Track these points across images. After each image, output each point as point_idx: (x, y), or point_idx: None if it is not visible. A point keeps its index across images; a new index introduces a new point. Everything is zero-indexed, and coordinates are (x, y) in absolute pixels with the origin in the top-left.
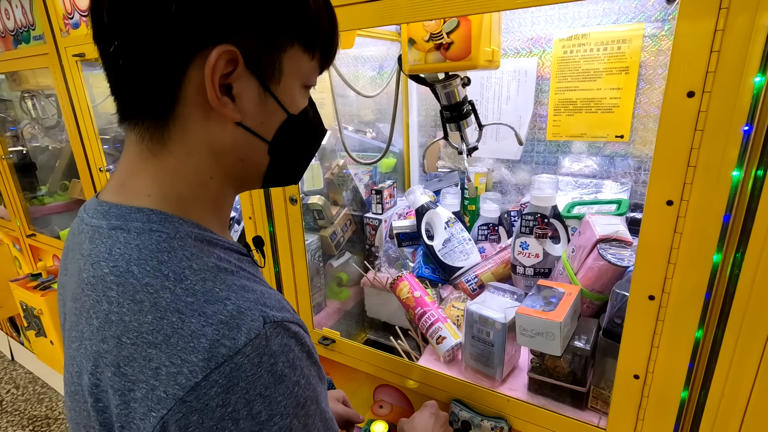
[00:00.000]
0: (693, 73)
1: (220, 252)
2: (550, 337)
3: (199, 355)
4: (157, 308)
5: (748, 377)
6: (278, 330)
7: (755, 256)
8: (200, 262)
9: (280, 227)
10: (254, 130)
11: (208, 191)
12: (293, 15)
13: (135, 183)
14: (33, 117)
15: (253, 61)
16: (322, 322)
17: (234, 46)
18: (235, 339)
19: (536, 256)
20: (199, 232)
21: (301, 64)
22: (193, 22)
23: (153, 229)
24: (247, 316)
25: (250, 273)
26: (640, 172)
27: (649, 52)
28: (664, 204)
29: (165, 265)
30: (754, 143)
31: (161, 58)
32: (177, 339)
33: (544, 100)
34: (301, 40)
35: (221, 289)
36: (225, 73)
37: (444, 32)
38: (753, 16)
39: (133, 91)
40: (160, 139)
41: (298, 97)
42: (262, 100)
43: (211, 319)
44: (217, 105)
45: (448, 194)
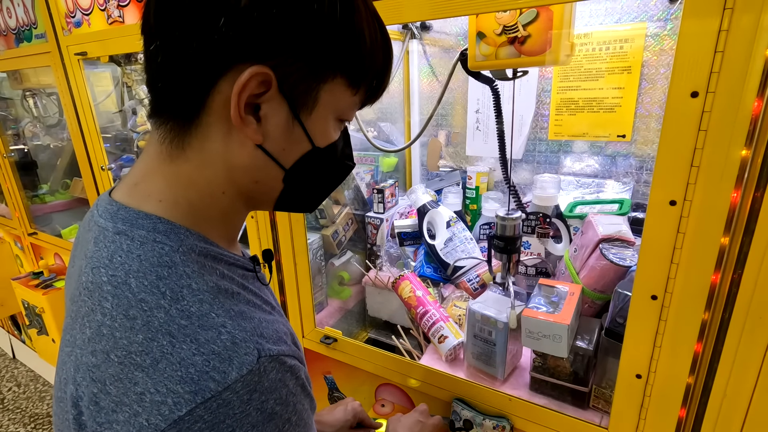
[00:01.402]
0: (697, 73)
1: (224, 268)
2: (557, 340)
3: (186, 387)
4: (148, 328)
5: (751, 377)
6: (273, 365)
7: (758, 256)
8: (200, 281)
9: (282, 226)
10: (273, 155)
11: (219, 205)
12: (343, 49)
13: (148, 185)
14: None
15: (288, 87)
16: (324, 321)
17: (271, 68)
18: (225, 373)
19: (538, 255)
20: (204, 246)
21: (341, 98)
22: (236, 37)
23: (157, 240)
24: (241, 348)
25: (252, 292)
26: (642, 171)
27: (652, 51)
28: (667, 204)
29: (163, 282)
30: (758, 144)
31: (196, 65)
32: (165, 365)
33: (546, 100)
34: (347, 75)
35: (218, 315)
36: (256, 93)
37: (520, 25)
38: (758, 16)
39: (164, 88)
40: (180, 143)
41: (329, 129)
42: (288, 127)
43: (203, 348)
44: (238, 123)
45: (450, 193)
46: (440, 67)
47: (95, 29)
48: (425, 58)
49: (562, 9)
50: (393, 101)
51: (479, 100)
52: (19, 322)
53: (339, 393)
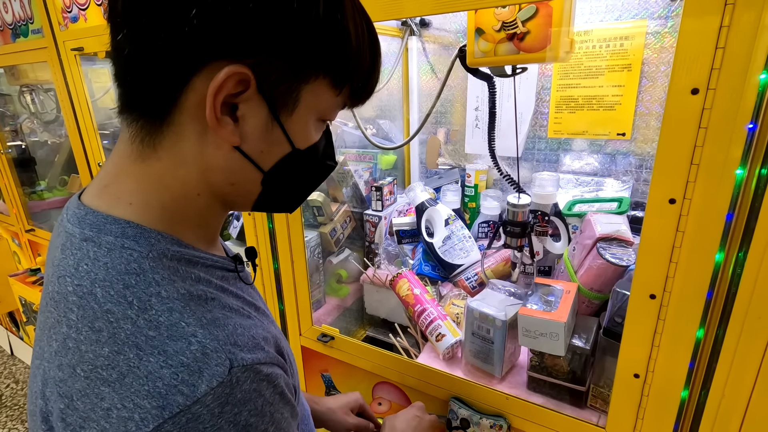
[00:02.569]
0: (697, 70)
1: (200, 271)
2: (554, 338)
3: (153, 402)
4: (115, 340)
5: (749, 377)
6: (247, 374)
7: (758, 255)
8: (170, 289)
9: (280, 224)
10: (252, 157)
11: (195, 207)
12: (327, 48)
13: (118, 186)
14: (32, 111)
15: (268, 87)
16: (322, 319)
17: (249, 67)
18: (194, 386)
19: (537, 254)
20: (178, 250)
21: (324, 98)
22: (211, 31)
23: (125, 246)
24: (212, 359)
25: (232, 294)
26: (641, 170)
27: (652, 49)
28: (666, 202)
29: (130, 290)
30: (759, 141)
31: (167, 59)
32: (132, 379)
33: (546, 98)
34: (331, 75)
35: (188, 323)
36: (233, 93)
37: (519, 21)
38: (759, 13)
39: (133, 83)
40: (151, 142)
41: (310, 131)
42: (267, 129)
43: (171, 360)
44: (214, 124)
45: (449, 191)
46: (439, 65)
47: (92, 24)
48: (424, 55)
49: (562, 5)
50: (392, 98)
51: (478, 98)
52: (16, 319)
53: (336, 391)
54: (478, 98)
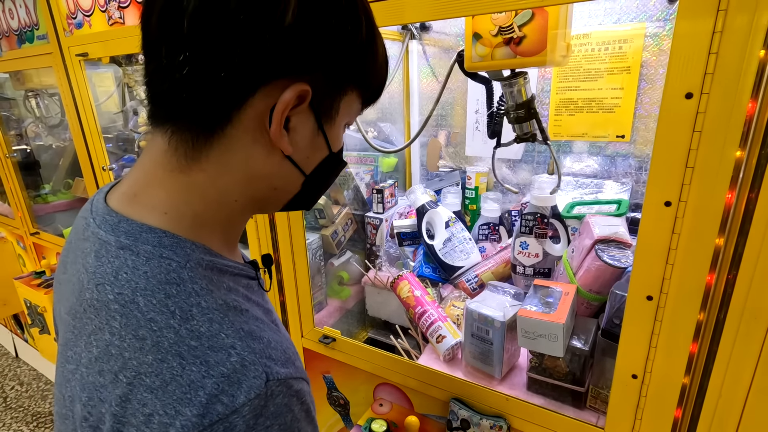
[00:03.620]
0: (691, 74)
1: (229, 281)
2: (552, 339)
3: (194, 410)
4: (158, 349)
5: (746, 377)
6: (280, 389)
7: (753, 257)
8: (209, 299)
9: (282, 226)
10: (298, 163)
11: (227, 212)
12: (362, 65)
13: (150, 195)
14: (37, 116)
15: (317, 101)
16: (323, 321)
17: (308, 84)
18: (234, 396)
19: (536, 255)
20: (210, 260)
21: (353, 107)
22: (277, 53)
23: (163, 256)
24: (250, 371)
25: (256, 303)
26: (641, 172)
27: (651, 51)
28: (662, 205)
29: (172, 300)
30: (753, 144)
31: (229, 81)
32: (174, 387)
33: (546, 100)
34: (361, 87)
35: (227, 335)
36: (290, 107)
37: (515, 25)
38: (751, 18)
39: (188, 99)
40: (196, 154)
41: (341, 135)
42: (313, 137)
43: (212, 370)
44: (277, 137)
45: (449, 194)
46: (440, 68)
47: (96, 30)
48: (425, 58)
49: (558, 10)
50: (393, 101)
51: (479, 101)
52: (21, 321)
53: (338, 392)
54: (479, 101)
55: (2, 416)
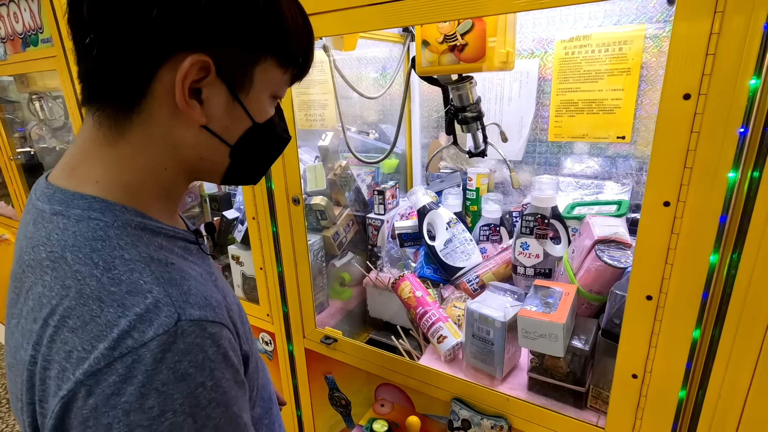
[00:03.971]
0: (689, 75)
1: (163, 240)
2: (553, 339)
3: (107, 343)
4: (81, 295)
5: (745, 377)
6: (192, 329)
7: (752, 256)
8: (133, 252)
9: (283, 227)
10: (218, 133)
11: (160, 181)
12: (270, 32)
13: (85, 168)
14: (41, 118)
15: (226, 71)
16: (325, 322)
17: (208, 56)
18: (143, 332)
19: (537, 256)
20: (141, 221)
21: (273, 76)
22: (172, 28)
23: (92, 217)
24: (162, 311)
25: (194, 263)
26: (641, 172)
27: (651, 53)
28: (661, 205)
29: (97, 254)
30: (750, 145)
31: (135, 56)
32: (93, 327)
33: (546, 101)
34: (277, 55)
35: (147, 281)
36: (196, 79)
37: (458, 34)
38: (748, 20)
39: (103, 79)
40: (120, 128)
41: (265, 106)
42: (229, 107)
43: (128, 311)
44: (184, 107)
45: (450, 195)
46: None
47: None
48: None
49: (495, 20)
50: (394, 103)
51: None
52: None
53: (339, 393)
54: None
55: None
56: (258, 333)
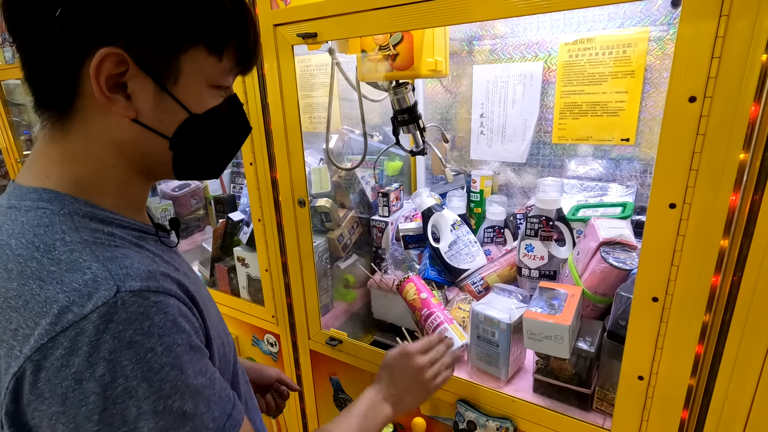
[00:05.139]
0: (694, 78)
1: (115, 229)
2: (558, 341)
3: (48, 319)
4: (22, 276)
5: (752, 378)
6: (134, 299)
7: (758, 258)
8: (74, 235)
9: (289, 229)
10: (152, 126)
11: (112, 177)
12: (188, 19)
13: (38, 165)
14: None
15: (147, 62)
16: (330, 323)
17: (122, 48)
18: (83, 306)
19: (541, 258)
20: (91, 210)
21: (206, 65)
22: (78, 25)
23: (40, 207)
24: (101, 285)
25: (148, 250)
26: (645, 175)
27: (655, 55)
28: (666, 207)
29: (39, 238)
30: (756, 147)
31: (53, 57)
32: (33, 304)
33: (550, 104)
34: (205, 43)
35: (86, 260)
36: (116, 73)
37: (390, 45)
38: (753, 23)
39: (36, 83)
40: (61, 127)
41: (203, 96)
42: (158, 100)
43: (66, 287)
44: (105, 103)
45: (454, 197)
46: None
47: None
48: None
49: (422, 33)
50: None
51: (483, 105)
52: None
53: (344, 394)
54: (483, 105)
55: None
56: (263, 334)
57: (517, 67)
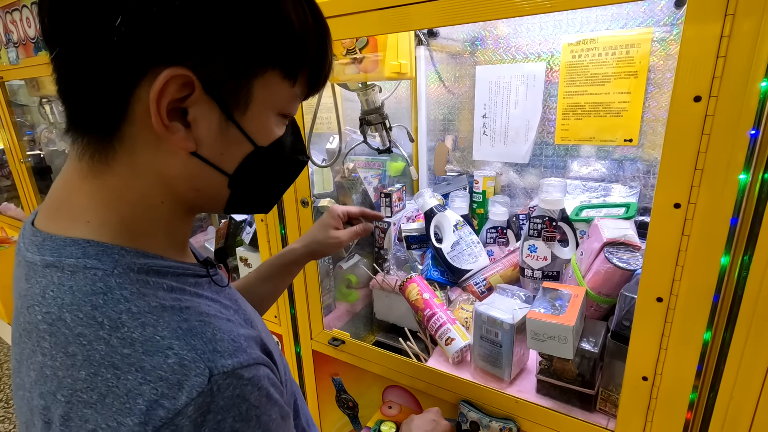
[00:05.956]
0: (699, 78)
1: (171, 281)
2: (562, 341)
3: (135, 418)
4: (90, 363)
5: (757, 379)
6: (229, 381)
7: (763, 258)
8: (141, 303)
9: (292, 229)
10: (212, 161)
11: (159, 216)
12: (270, 39)
13: (72, 206)
14: (50, 121)
15: (215, 86)
16: (332, 324)
17: (190, 69)
18: (175, 399)
19: (544, 259)
20: (144, 262)
21: (278, 91)
22: (141, 38)
23: (88, 266)
24: (191, 370)
25: (208, 298)
26: (649, 175)
27: (658, 56)
28: (671, 207)
29: (99, 311)
30: (761, 147)
31: (104, 73)
32: (112, 399)
33: (553, 104)
34: (281, 66)
35: (163, 337)
36: (179, 98)
37: (357, 48)
38: (759, 22)
39: (76, 101)
40: (102, 158)
41: (270, 126)
42: (222, 130)
43: (149, 375)
44: (162, 131)
45: (457, 197)
46: (447, 73)
47: None
48: (432, 63)
49: (385, 38)
50: (400, 106)
51: (486, 105)
52: None
53: (347, 395)
54: (486, 106)
55: (13, 418)
56: None
57: (519, 68)
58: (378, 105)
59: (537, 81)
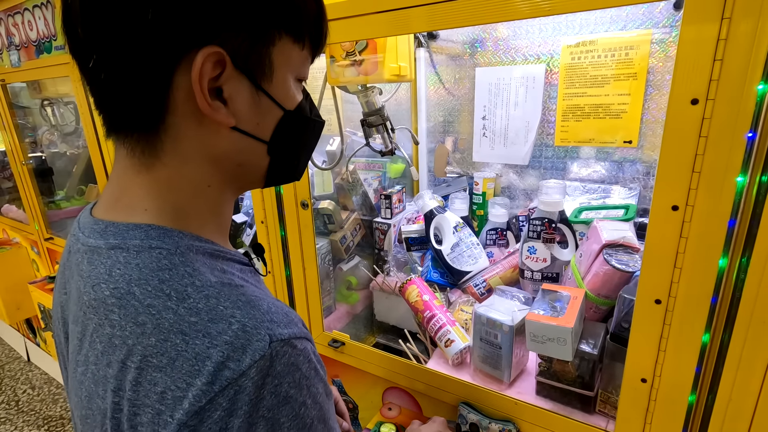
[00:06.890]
0: (696, 81)
1: (223, 264)
2: (561, 343)
3: (203, 379)
4: (160, 330)
5: (756, 380)
6: (285, 349)
7: (761, 260)
8: (203, 278)
9: (292, 231)
10: (251, 132)
11: (207, 199)
12: (279, 4)
13: (129, 198)
14: (52, 124)
15: (242, 60)
16: (332, 325)
17: (219, 46)
18: (240, 361)
19: (544, 260)
20: (201, 245)
21: (292, 55)
22: (173, 26)
23: (152, 246)
24: (252, 335)
25: (253, 285)
26: (648, 177)
27: (657, 58)
28: (669, 209)
29: (166, 284)
30: (758, 149)
31: (144, 68)
32: (182, 362)
33: (553, 106)
34: (290, 31)
35: (226, 307)
36: (213, 77)
37: (356, 51)
38: (755, 26)
39: (118, 104)
40: (152, 151)
41: (292, 90)
42: (255, 100)
43: (215, 340)
44: (208, 111)
45: (457, 199)
46: (447, 75)
47: None
48: (432, 65)
49: (385, 41)
50: (400, 108)
51: (485, 107)
52: (33, 326)
53: (346, 396)
54: (485, 107)
55: (15, 420)
56: None
57: (519, 70)
58: (378, 107)
59: (537, 83)
